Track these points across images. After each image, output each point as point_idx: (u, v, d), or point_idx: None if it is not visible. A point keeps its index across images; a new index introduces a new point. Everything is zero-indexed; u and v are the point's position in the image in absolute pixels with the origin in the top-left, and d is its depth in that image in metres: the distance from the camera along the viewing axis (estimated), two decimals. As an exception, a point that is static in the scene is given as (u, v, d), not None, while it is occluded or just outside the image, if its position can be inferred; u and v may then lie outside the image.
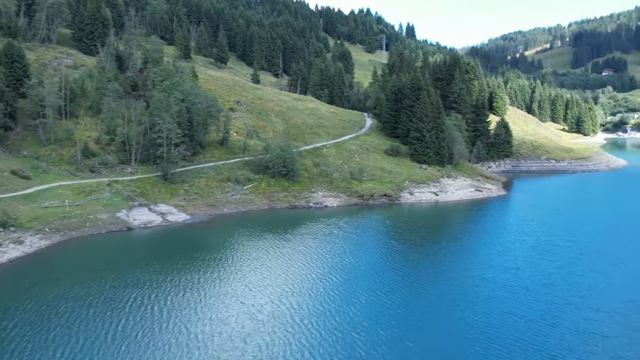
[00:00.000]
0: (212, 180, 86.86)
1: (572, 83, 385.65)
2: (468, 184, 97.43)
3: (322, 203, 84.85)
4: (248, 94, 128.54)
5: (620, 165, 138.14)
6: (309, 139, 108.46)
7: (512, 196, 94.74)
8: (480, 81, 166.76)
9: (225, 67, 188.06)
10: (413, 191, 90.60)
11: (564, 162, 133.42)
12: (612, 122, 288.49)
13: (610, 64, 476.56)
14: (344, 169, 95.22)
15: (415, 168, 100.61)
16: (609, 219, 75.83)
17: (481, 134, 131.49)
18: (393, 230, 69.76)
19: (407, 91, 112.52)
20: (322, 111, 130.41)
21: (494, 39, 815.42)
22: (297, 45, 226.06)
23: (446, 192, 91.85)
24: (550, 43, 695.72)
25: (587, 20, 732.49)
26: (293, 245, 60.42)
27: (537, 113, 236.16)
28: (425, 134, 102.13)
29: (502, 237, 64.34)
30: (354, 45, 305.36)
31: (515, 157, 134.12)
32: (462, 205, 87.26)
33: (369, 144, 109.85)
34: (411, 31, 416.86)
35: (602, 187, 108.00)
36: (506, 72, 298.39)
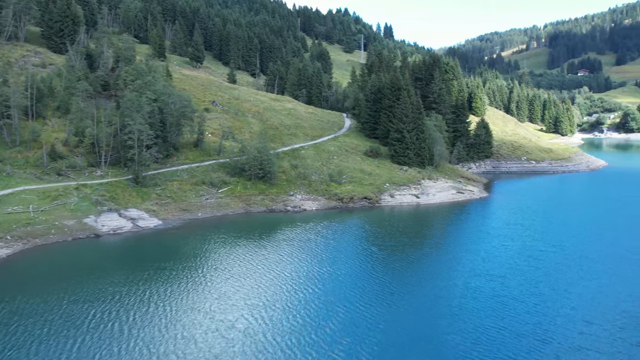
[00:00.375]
0: (185, 183, 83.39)
1: (548, 83, 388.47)
2: (449, 185, 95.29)
3: (300, 206, 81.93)
4: (224, 93, 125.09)
5: (600, 165, 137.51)
6: (287, 140, 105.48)
7: (494, 198, 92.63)
8: (459, 81, 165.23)
9: (201, 66, 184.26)
10: (394, 193, 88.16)
11: (544, 162, 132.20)
12: (588, 122, 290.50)
13: (585, 64, 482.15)
14: (322, 171, 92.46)
15: (395, 170, 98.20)
16: (592, 222, 74.15)
17: (461, 135, 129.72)
18: (373, 236, 66.96)
19: (387, 91, 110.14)
20: (300, 112, 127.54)
21: (471, 39, 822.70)
22: (275, 44, 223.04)
23: (427, 194, 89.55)
24: (526, 44, 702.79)
25: (562, 21, 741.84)
26: (269, 253, 57.33)
27: (515, 113, 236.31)
28: (406, 134, 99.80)
29: (485, 242, 61.87)
30: (332, 45, 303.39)
31: (496, 158, 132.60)
32: (443, 208, 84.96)
33: (348, 145, 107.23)
34: (389, 31, 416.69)
35: (583, 189, 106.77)
36: (484, 72, 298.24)
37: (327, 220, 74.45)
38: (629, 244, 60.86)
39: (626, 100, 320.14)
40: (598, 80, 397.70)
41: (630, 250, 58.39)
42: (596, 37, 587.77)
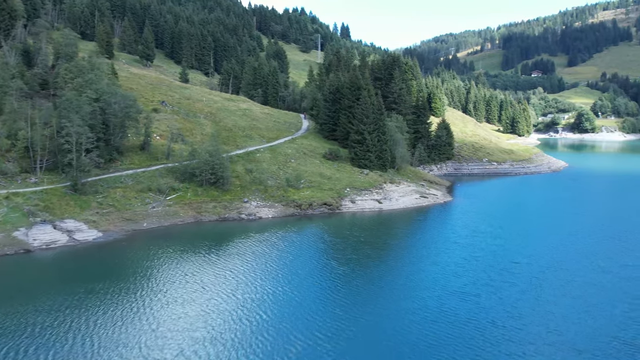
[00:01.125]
0: (130, 190, 76.56)
1: (503, 84, 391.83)
2: (412, 189, 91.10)
3: (255, 214, 76.24)
4: (174, 93, 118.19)
5: (560, 167, 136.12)
6: (241, 142, 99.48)
7: (458, 203, 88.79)
8: (418, 81, 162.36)
9: (152, 65, 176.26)
10: (355, 199, 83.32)
11: (505, 164, 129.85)
12: (543, 122, 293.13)
13: (538, 66, 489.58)
14: (279, 175, 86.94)
15: (356, 173, 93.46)
16: (563, 227, 70.78)
17: (422, 136, 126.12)
18: (333, 248, 61.51)
19: (346, 91, 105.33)
20: (255, 112, 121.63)
21: (426, 40, 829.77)
22: (229, 43, 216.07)
23: (390, 199, 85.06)
24: (480, 45, 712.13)
25: (514, 23, 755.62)
26: (218, 270, 51.40)
27: (473, 114, 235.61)
28: (367, 136, 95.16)
29: (455, 253, 57.30)
30: (288, 45, 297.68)
31: (457, 160, 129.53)
32: (407, 214, 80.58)
33: (306, 148, 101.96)
34: (346, 31, 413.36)
35: (548, 191, 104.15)
36: (441, 72, 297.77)
37: (284, 230, 69.08)
38: (605, 252, 57.42)
39: (579, 100, 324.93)
40: (551, 81, 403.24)
41: (608, 259, 54.91)
42: (548, 39, 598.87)
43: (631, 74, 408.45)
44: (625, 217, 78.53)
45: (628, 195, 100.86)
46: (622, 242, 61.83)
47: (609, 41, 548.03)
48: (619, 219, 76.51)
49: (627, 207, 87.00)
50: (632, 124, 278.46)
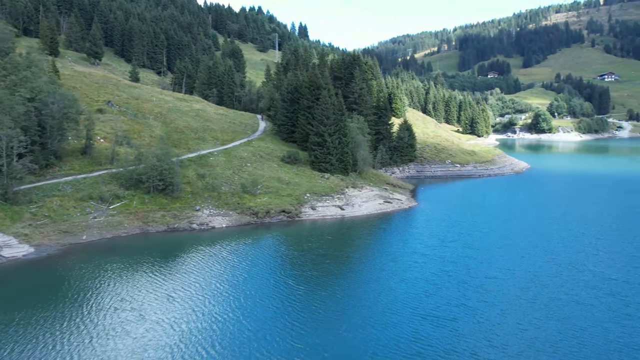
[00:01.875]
0: (69, 198, 69.45)
1: (461, 85, 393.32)
2: (376, 194, 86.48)
3: (207, 223, 70.19)
4: (122, 93, 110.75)
5: (523, 168, 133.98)
6: (194, 145, 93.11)
7: (423, 208, 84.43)
8: (378, 81, 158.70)
9: (100, 63, 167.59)
10: (315, 205, 78.13)
11: (468, 166, 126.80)
12: (501, 123, 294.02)
13: (494, 67, 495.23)
14: (234, 180, 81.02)
15: (316, 178, 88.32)
16: (535, 234, 67.07)
17: (384, 137, 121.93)
18: (291, 263, 55.78)
19: (305, 90, 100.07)
20: (209, 113, 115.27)
21: (384, 42, 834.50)
22: (183, 41, 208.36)
23: (353, 205, 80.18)
24: (437, 46, 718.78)
25: (470, 25, 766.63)
26: (161, 291, 45.35)
27: (432, 114, 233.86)
28: (327, 138, 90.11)
29: (424, 268, 52.30)
30: (245, 44, 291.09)
31: (420, 162, 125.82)
32: (371, 221, 75.74)
33: (263, 151, 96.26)
34: (304, 31, 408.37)
35: (513, 194, 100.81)
36: (400, 73, 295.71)
37: (238, 241, 63.27)
38: (584, 263, 53.54)
39: (535, 101, 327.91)
40: (508, 82, 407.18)
41: (589, 271, 51.01)
42: (503, 40, 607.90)
43: (584, 75, 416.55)
44: (596, 220, 75.62)
45: (593, 196, 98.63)
46: (601, 252, 58.29)
47: (562, 43, 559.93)
48: (591, 224, 73.45)
49: (595, 210, 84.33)
50: (588, 125, 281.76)
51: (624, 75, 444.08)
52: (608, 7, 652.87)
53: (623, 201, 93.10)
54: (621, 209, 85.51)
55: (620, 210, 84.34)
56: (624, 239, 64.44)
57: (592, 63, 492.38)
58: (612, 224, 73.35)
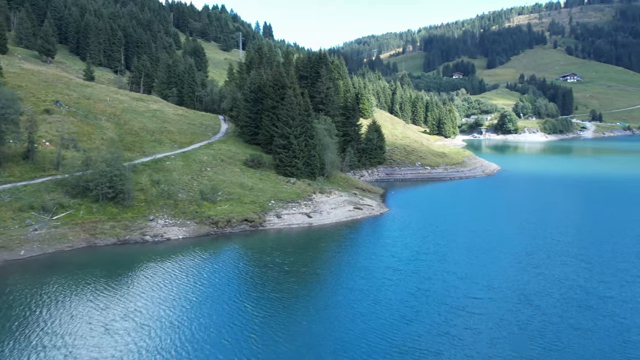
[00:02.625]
0: (6, 209, 62.31)
1: (426, 85, 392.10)
2: (345, 200, 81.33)
3: (162, 235, 63.90)
4: (72, 92, 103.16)
5: (494, 170, 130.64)
6: (149, 148, 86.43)
7: (395, 214, 79.44)
8: (345, 81, 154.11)
9: (53, 61, 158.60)
10: (281, 213, 72.50)
11: (439, 168, 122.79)
12: (467, 123, 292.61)
13: (459, 68, 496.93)
14: (192, 186, 74.80)
15: (281, 183, 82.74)
16: (517, 245, 62.86)
17: (352, 139, 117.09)
18: (252, 282, 49.75)
19: (269, 89, 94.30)
20: (167, 113, 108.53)
21: (349, 42, 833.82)
22: (143, 39, 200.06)
23: (321, 212, 74.80)
24: (402, 47, 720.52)
25: (434, 26, 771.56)
26: (101, 321, 39.18)
27: (400, 115, 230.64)
28: (293, 140, 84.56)
29: (399, 286, 46.80)
30: (208, 43, 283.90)
31: (389, 164, 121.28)
32: (340, 230, 70.45)
33: (224, 154, 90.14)
34: (269, 30, 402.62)
35: (487, 199, 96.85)
36: (366, 73, 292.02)
37: (195, 256, 57.22)
38: (574, 279, 49.02)
39: (501, 102, 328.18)
40: (473, 83, 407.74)
41: (580, 288, 46.51)
42: (467, 41, 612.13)
43: (547, 76, 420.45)
44: (576, 227, 71.96)
45: (568, 200, 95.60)
46: (588, 263, 54.16)
47: (525, 44, 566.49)
48: (570, 230, 69.74)
49: (573, 215, 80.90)
50: (553, 125, 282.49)
51: (586, 76, 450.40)
52: (569, 10, 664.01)
53: (599, 205, 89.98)
54: (599, 214, 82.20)
55: (599, 215, 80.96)
56: (610, 249, 60.58)
57: (554, 64, 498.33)
58: (593, 231, 69.70)
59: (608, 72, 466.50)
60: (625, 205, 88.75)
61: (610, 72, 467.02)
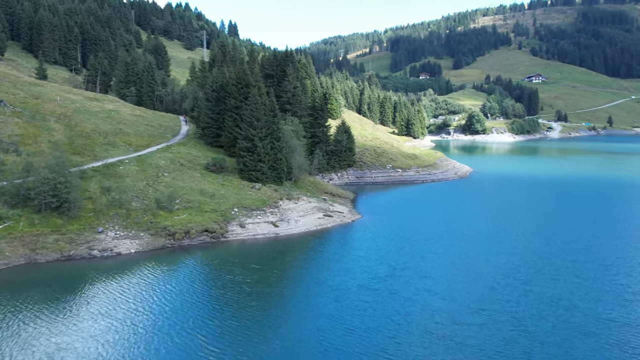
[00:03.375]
0: None
1: (394, 86, 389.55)
2: (314, 206, 75.99)
3: (112, 249, 57.57)
4: (19, 91, 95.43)
5: (466, 172, 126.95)
6: (101, 152, 79.52)
7: (367, 222, 74.35)
8: (313, 80, 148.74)
9: (4, 58, 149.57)
10: (245, 222, 66.77)
11: (410, 170, 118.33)
12: (435, 124, 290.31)
13: (426, 68, 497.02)
14: (148, 194, 68.44)
15: (246, 188, 76.91)
16: (502, 257, 58.44)
17: (320, 141, 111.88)
18: (209, 305, 43.31)
19: (232, 88, 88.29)
20: (124, 114, 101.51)
21: (316, 42, 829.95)
22: (101, 36, 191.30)
23: (288, 221, 69.28)
24: (369, 48, 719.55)
25: (401, 27, 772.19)
26: (47, 345, 33.27)
27: (368, 115, 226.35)
28: (258, 143, 78.78)
29: (377, 311, 41.07)
30: (171, 41, 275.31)
31: (359, 167, 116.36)
32: (309, 240, 65.03)
33: (184, 157, 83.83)
34: (234, 29, 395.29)
35: (462, 203, 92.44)
36: (334, 73, 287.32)
37: (147, 273, 51.19)
38: (568, 297, 44.56)
39: (468, 102, 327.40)
40: (439, 83, 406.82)
41: (576, 309, 41.97)
42: (434, 42, 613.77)
43: (513, 76, 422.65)
44: (559, 235, 68.03)
45: (545, 203, 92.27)
46: (580, 278, 49.84)
47: (491, 45, 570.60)
48: (554, 239, 65.76)
49: (553, 220, 77.16)
50: (521, 125, 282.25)
51: (551, 77, 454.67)
52: (533, 12, 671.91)
53: (576, 208, 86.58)
54: (580, 218, 78.69)
55: (580, 220, 77.40)
56: (600, 260, 56.62)
57: (519, 65, 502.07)
58: (578, 239, 65.80)
59: (572, 73, 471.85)
60: (602, 209, 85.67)
61: (574, 73, 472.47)
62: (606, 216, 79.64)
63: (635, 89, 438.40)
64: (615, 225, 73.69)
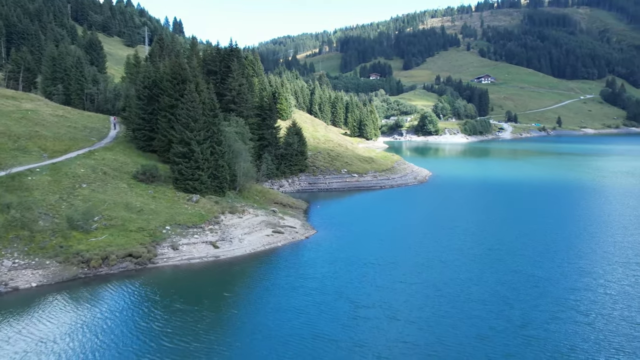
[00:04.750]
0: None
1: (345, 86, 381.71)
2: (262, 221, 65.66)
3: (7, 283, 45.78)
4: None
5: (426, 176, 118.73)
6: (8, 159, 66.65)
7: (323, 239, 64.18)
8: (261, 78, 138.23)
9: None
10: (178, 243, 55.91)
11: (367, 175, 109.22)
12: (387, 125, 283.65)
13: (376, 68, 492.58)
14: (60, 210, 56.66)
15: (181, 201, 65.83)
16: (482, 280, 49.76)
17: (269, 144, 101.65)
18: (128, 355, 33.74)
19: (167, 84, 76.88)
20: (43, 114, 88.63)
21: (264, 42, 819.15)
22: (29, 30, 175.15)
23: (231, 240, 58.70)
24: (319, 48, 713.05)
25: (350, 27, 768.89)
26: None
27: (319, 116, 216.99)
28: (195, 147, 67.66)
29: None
30: (111, 38, 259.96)
31: (312, 172, 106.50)
32: (256, 265, 54.60)
33: (109, 165, 71.89)
34: (179, 27, 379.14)
35: (427, 212, 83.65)
36: (283, 72, 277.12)
37: (48, 315, 39.98)
38: (562, 340, 36.17)
39: (420, 102, 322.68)
40: (390, 84, 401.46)
41: (573, 352, 33.69)
42: (383, 43, 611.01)
43: (462, 77, 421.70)
44: (539, 250, 60.02)
45: (514, 210, 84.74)
46: (575, 312, 41.40)
47: (440, 46, 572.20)
48: (533, 255, 57.63)
49: (528, 232, 69.26)
50: (473, 126, 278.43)
51: (499, 78, 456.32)
52: (480, 14, 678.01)
53: (547, 215, 79.13)
54: (551, 226, 71.09)
55: (552, 229, 69.77)
56: (589, 278, 48.66)
57: (468, 66, 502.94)
58: (557, 257, 57.86)
59: (520, 74, 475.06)
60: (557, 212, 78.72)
61: (522, 74, 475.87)
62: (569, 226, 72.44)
63: (581, 89, 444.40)
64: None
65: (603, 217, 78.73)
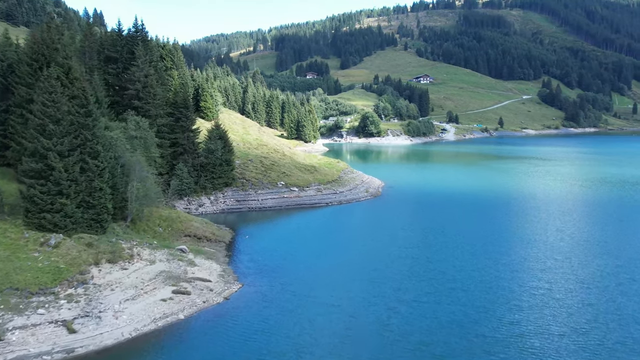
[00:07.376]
0: None
1: (280, 85, 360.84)
2: (160, 272, 43.51)
3: None
4: None
5: (379, 187, 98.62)
6: None
7: (249, 298, 42.91)
8: (181, 71, 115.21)
9: None
10: (8, 328, 33.18)
11: (310, 189, 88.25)
12: (326, 125, 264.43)
13: (313, 67, 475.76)
14: None
15: (30, 246, 42.59)
16: None
17: (185, 151, 79.29)
18: None
19: (25, 70, 53.38)
20: None
21: (197, 40, 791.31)
22: None
23: (100, 315, 36.26)
24: (253, 46, 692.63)
25: (286, 26, 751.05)
26: None
27: (252, 116, 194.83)
28: (55, 162, 44.55)
29: None
30: (17, 28, 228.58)
31: (241, 186, 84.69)
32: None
33: None
34: (99, 19, 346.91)
35: (389, 240, 63.35)
36: (213, 68, 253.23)
37: None
38: None
39: (359, 102, 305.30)
40: (328, 83, 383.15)
41: None
42: (320, 42, 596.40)
43: (401, 77, 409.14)
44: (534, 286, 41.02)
45: (493, 232, 66.01)
46: None
47: (377, 46, 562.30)
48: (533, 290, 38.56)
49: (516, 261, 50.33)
50: (417, 127, 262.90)
51: (438, 78, 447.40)
52: (416, 14, 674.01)
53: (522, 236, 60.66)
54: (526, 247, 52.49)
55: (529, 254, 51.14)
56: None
57: (406, 66, 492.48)
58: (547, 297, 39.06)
59: (458, 74, 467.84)
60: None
61: (460, 74, 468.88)
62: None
63: (518, 90, 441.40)
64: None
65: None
